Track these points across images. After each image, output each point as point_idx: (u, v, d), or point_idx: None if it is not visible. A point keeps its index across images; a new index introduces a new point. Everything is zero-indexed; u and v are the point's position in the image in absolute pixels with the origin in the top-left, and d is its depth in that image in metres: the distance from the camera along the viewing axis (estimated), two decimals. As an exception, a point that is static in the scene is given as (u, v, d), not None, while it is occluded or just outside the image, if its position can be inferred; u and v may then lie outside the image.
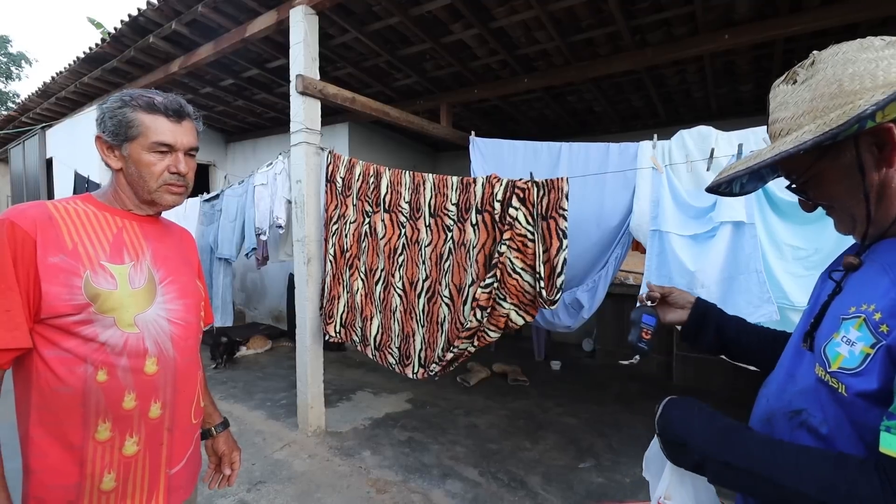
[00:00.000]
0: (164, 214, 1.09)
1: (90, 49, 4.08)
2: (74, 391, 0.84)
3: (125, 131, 0.93)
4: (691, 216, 2.17)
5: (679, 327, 1.03)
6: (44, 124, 6.22)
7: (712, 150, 2.17)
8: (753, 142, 2.08)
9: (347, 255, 3.01)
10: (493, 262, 2.32)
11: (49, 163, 6.34)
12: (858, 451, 0.59)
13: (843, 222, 0.70)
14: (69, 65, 4.48)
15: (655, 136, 2.43)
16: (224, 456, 1.20)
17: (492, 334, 2.42)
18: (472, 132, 3.29)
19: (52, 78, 4.90)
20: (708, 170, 2.20)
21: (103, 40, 3.90)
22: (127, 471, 0.89)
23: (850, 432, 0.59)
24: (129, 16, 3.49)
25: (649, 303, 1.02)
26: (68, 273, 0.84)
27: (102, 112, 0.95)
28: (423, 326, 2.71)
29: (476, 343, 2.47)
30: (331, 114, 5.14)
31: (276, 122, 5.83)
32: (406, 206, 2.77)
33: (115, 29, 3.68)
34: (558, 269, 2.23)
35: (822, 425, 0.63)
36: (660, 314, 1.02)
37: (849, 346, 0.59)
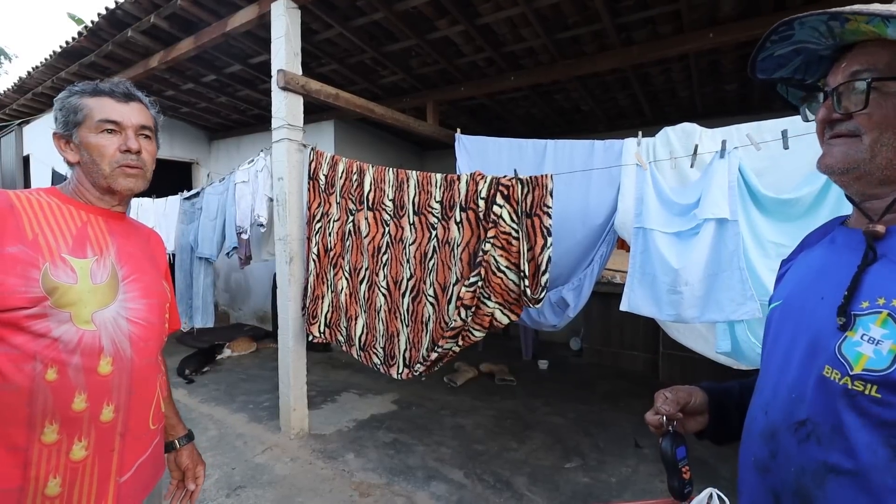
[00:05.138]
0: (146, 213, 1.07)
1: (66, 43, 3.97)
2: (20, 390, 0.80)
3: (73, 118, 0.91)
4: (675, 213, 2.16)
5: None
6: (20, 120, 6.05)
7: (696, 147, 2.16)
8: (737, 138, 2.08)
9: (331, 253, 2.96)
10: (478, 260, 2.29)
11: (26, 160, 6.18)
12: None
13: (852, 158, 0.59)
14: (45, 59, 4.36)
15: (640, 133, 2.42)
16: (188, 470, 1.14)
17: (476, 333, 2.39)
18: (458, 129, 3.25)
19: (29, 73, 4.75)
20: (692, 166, 2.19)
21: (80, 34, 3.79)
22: (74, 476, 0.84)
23: (880, 438, 0.53)
24: (107, 9, 3.39)
25: (671, 428, 0.79)
26: (26, 264, 0.80)
27: (55, 108, 0.93)
28: (407, 326, 2.67)
29: (461, 343, 2.43)
30: (316, 111, 5.07)
31: (260, 120, 5.74)
32: (390, 203, 2.73)
33: (92, 22, 3.58)
34: (543, 268, 2.21)
35: (834, 435, 0.57)
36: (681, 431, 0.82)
37: (873, 345, 0.54)
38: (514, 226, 2.25)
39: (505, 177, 2.30)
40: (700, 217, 2.03)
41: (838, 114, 0.60)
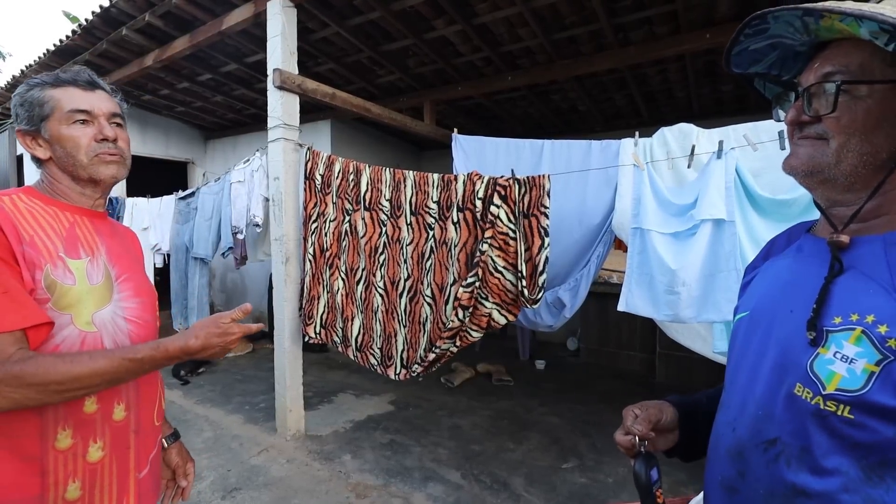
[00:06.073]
0: (141, 213, 1.05)
1: (61, 41, 3.94)
2: None
3: (38, 111, 0.87)
4: (672, 214, 2.16)
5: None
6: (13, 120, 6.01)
7: (693, 147, 2.16)
8: (734, 139, 2.08)
9: (327, 254, 2.94)
10: (475, 260, 2.28)
11: (20, 160, 6.13)
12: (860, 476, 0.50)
13: (816, 162, 0.58)
14: (39, 58, 4.32)
15: (637, 133, 2.42)
16: (178, 468, 1.13)
17: (474, 334, 2.38)
18: (455, 129, 3.25)
19: (22, 71, 4.71)
20: (689, 167, 2.19)
21: (74, 32, 3.76)
22: (93, 478, 0.84)
23: (851, 459, 0.51)
24: (101, 7, 3.36)
25: (643, 448, 0.74)
26: (34, 266, 0.78)
27: (13, 104, 0.89)
28: (405, 327, 2.66)
29: (458, 343, 2.42)
30: (313, 111, 5.05)
31: (256, 119, 5.72)
32: (387, 203, 2.72)
33: (87, 20, 3.55)
34: (540, 268, 2.20)
35: (805, 455, 0.54)
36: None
37: (846, 363, 0.51)
38: (512, 226, 2.25)
39: (502, 177, 2.29)
40: (697, 218, 2.03)
41: (807, 116, 0.58)
